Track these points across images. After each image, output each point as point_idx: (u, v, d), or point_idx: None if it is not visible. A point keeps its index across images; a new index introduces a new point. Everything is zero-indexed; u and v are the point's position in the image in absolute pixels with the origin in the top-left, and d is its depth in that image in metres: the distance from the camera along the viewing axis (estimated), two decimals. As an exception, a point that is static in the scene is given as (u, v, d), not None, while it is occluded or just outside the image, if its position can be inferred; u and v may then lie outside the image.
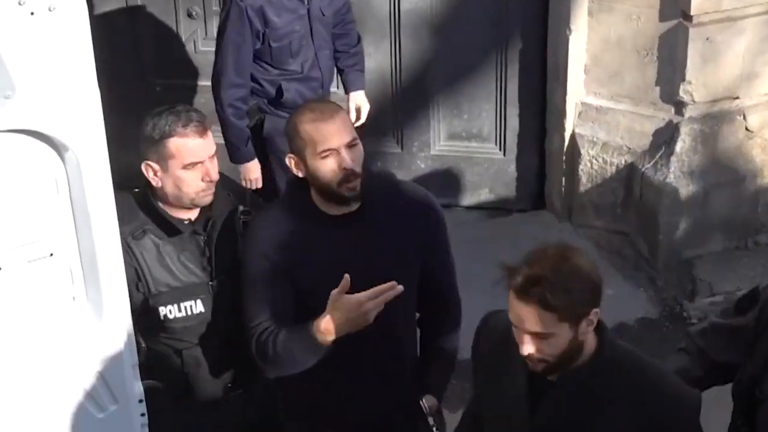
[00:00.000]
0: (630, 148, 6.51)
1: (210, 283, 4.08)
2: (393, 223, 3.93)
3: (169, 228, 4.05)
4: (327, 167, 3.77)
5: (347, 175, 3.77)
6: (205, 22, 6.86)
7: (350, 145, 3.79)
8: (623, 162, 6.53)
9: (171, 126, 3.95)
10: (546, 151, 6.98)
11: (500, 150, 6.90)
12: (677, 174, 6.34)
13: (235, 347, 4.06)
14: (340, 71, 6.20)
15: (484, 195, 6.72)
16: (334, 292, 3.70)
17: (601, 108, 6.56)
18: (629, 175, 6.50)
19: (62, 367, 3.46)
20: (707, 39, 6.19)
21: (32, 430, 3.47)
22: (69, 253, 3.40)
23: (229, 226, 4.09)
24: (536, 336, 3.23)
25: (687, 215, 6.36)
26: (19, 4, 3.04)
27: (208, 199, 4.04)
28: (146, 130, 3.98)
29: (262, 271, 3.91)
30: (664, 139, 6.42)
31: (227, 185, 4.23)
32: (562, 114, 6.65)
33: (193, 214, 4.09)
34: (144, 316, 4.04)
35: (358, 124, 5.99)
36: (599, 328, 3.35)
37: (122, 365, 3.55)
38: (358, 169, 3.79)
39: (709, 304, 6.21)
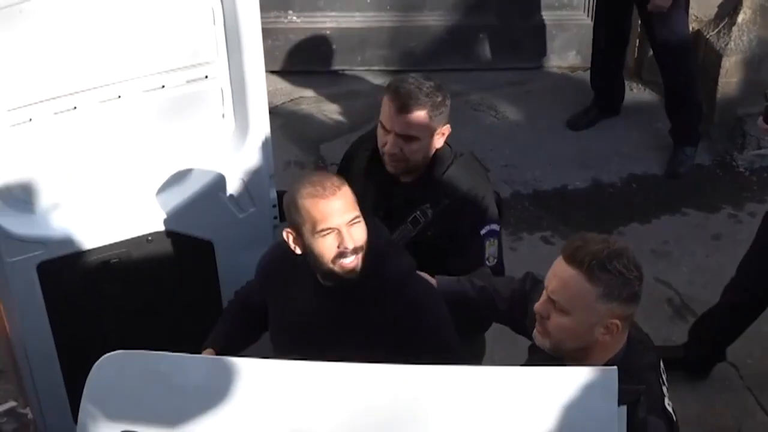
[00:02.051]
0: (697, 17, 6.50)
1: None
2: (379, 311, 3.22)
3: None
4: (325, 245, 3.13)
5: (344, 252, 3.13)
6: None
7: (352, 223, 3.14)
8: (691, 29, 6.46)
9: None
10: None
11: (588, 17, 6.82)
12: (737, 42, 6.33)
13: None
14: None
15: (572, 56, 6.76)
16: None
17: (675, -21, 6.49)
18: (695, 40, 6.47)
19: (212, 174, 3.61)
20: None
21: (184, 224, 3.65)
22: (221, 76, 3.49)
23: None
24: None
25: (742, 78, 6.37)
26: None
27: None
28: None
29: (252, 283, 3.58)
30: (728, 10, 6.42)
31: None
32: (642, -14, 6.57)
33: None
34: None
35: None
36: None
37: (261, 174, 3.65)
38: (359, 245, 3.15)
39: (755, 155, 6.30)
